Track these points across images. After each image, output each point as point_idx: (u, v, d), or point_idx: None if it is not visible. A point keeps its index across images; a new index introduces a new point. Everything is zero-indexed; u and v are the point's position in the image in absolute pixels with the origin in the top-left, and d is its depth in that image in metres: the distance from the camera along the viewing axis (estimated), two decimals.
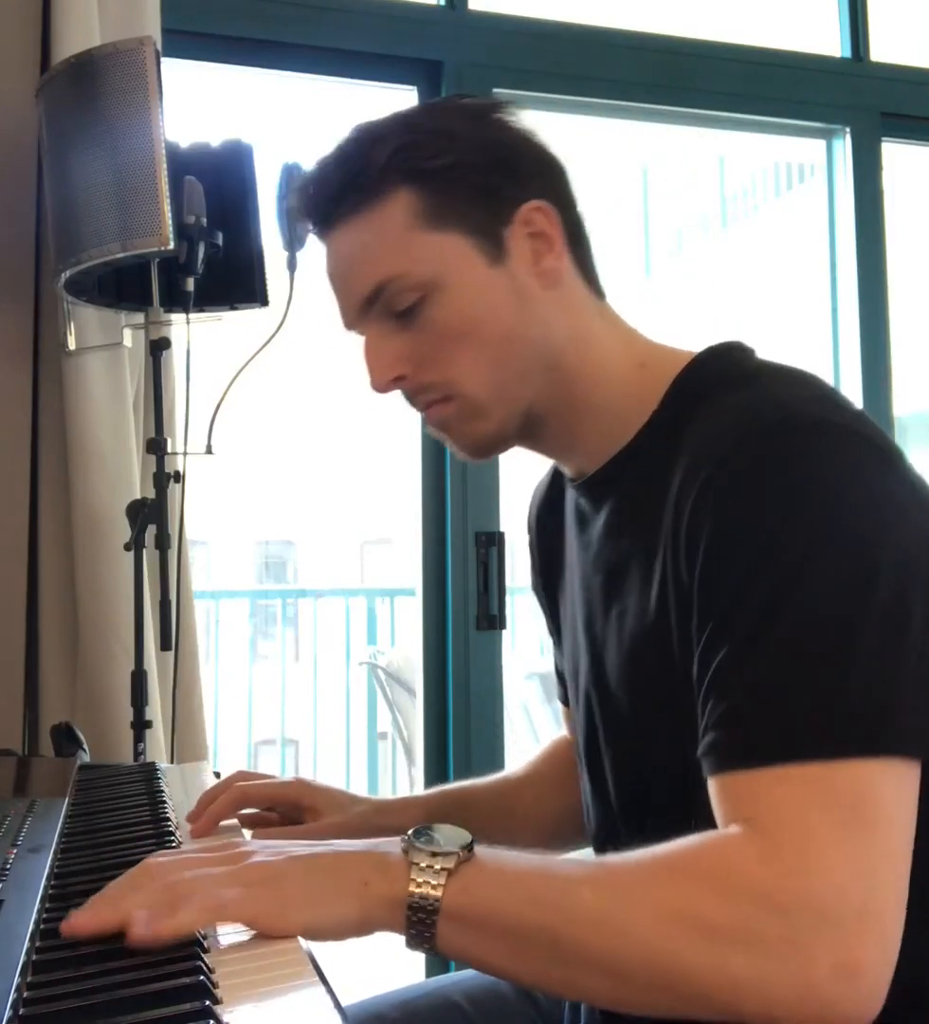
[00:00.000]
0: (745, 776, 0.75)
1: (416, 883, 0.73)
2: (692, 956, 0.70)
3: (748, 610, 0.78)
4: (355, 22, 2.22)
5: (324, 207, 0.94)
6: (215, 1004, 0.60)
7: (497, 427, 0.96)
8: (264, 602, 7.78)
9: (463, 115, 0.95)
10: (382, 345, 0.94)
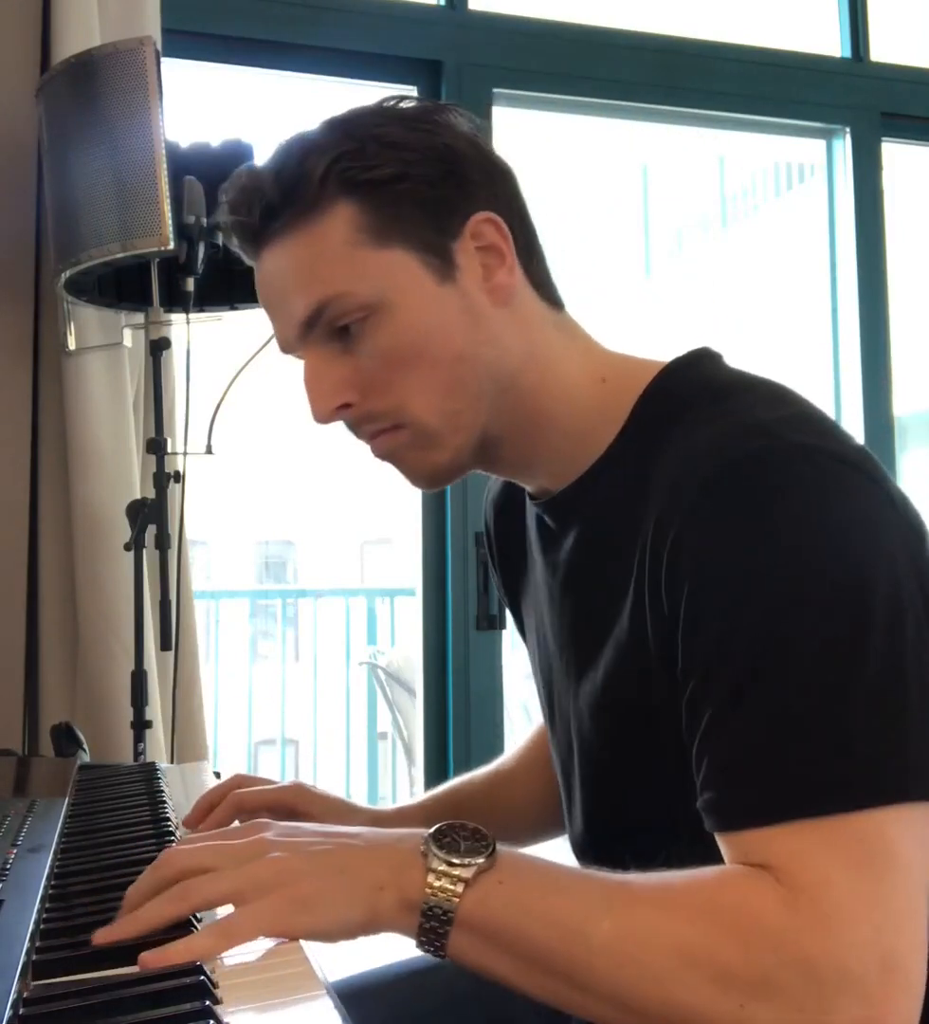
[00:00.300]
0: (756, 834, 0.72)
1: (432, 890, 0.70)
2: (709, 1002, 0.68)
3: (738, 659, 0.74)
4: (355, 22, 2.22)
5: (257, 221, 0.87)
6: (215, 1004, 0.60)
7: (452, 455, 0.90)
8: (264, 602, 7.77)
9: (405, 121, 0.89)
10: (325, 371, 0.87)
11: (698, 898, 0.71)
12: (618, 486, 0.88)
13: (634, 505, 0.84)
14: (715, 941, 0.69)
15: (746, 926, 0.68)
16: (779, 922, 0.68)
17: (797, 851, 0.70)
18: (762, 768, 0.72)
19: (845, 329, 2.61)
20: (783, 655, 0.72)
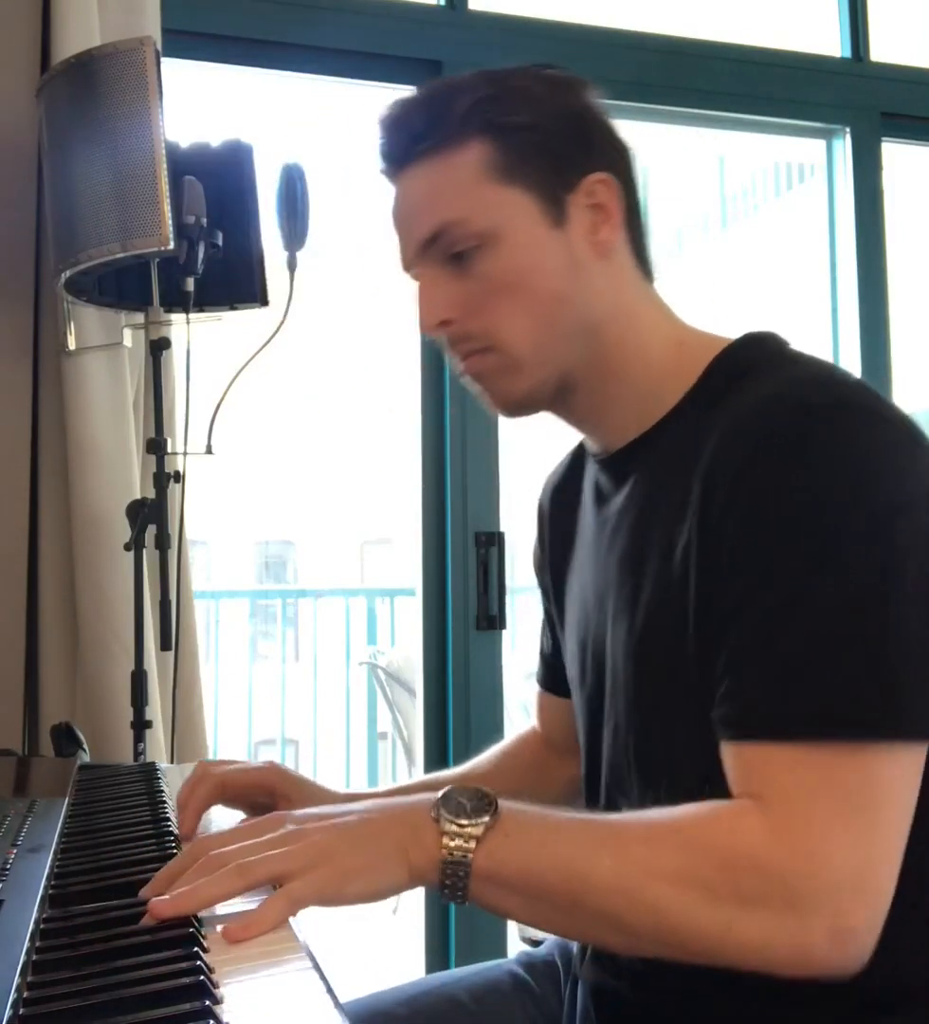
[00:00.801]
0: (759, 749, 0.80)
1: (448, 850, 0.79)
2: (700, 920, 0.77)
3: (779, 583, 0.80)
4: (355, 22, 2.22)
5: (402, 145, 0.96)
6: (215, 1004, 0.60)
7: (532, 385, 0.97)
8: (264, 602, 7.78)
9: (546, 81, 0.98)
10: (435, 288, 0.96)
11: (685, 830, 0.80)
12: (677, 440, 0.94)
13: (690, 455, 0.90)
14: (701, 867, 0.78)
15: (730, 852, 0.78)
16: (764, 848, 0.77)
17: (790, 778, 0.78)
18: (779, 687, 0.79)
19: (845, 329, 2.60)
20: (817, 588, 0.79)
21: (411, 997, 1.10)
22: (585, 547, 1.07)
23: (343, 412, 13.55)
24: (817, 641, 0.78)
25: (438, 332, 0.98)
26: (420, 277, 0.98)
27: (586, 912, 0.80)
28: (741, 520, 0.83)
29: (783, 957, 0.77)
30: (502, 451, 2.28)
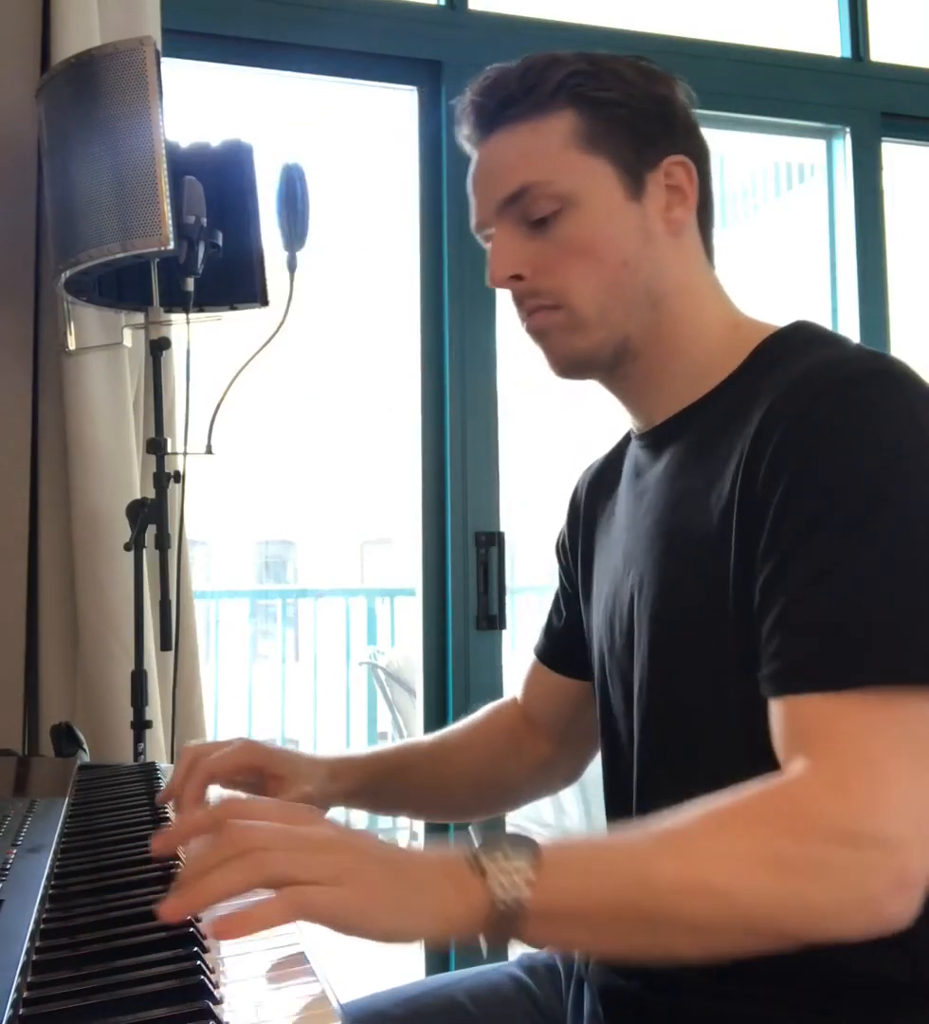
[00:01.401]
0: (814, 700, 0.80)
1: (501, 890, 0.72)
2: (772, 897, 0.75)
3: (830, 533, 0.81)
4: (355, 22, 2.22)
5: (496, 107, 1.00)
6: (215, 1004, 0.60)
7: (593, 346, 1.00)
8: (264, 602, 7.76)
9: (639, 69, 1.02)
10: (510, 244, 1.00)
11: (746, 808, 0.77)
12: (720, 411, 0.97)
13: (734, 420, 0.93)
14: (771, 841, 0.75)
15: (800, 821, 0.76)
16: (826, 809, 0.76)
17: (848, 727, 0.78)
18: (835, 636, 0.80)
19: (845, 329, 2.60)
20: (869, 538, 0.81)
21: (409, 998, 1.10)
22: (619, 523, 1.10)
23: (343, 412, 13.55)
24: (869, 589, 0.80)
25: (508, 285, 1.01)
26: (496, 232, 1.01)
27: (658, 921, 0.75)
28: (788, 480, 0.84)
29: (853, 915, 0.76)
30: (502, 451, 2.28)
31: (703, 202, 1.04)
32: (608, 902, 0.75)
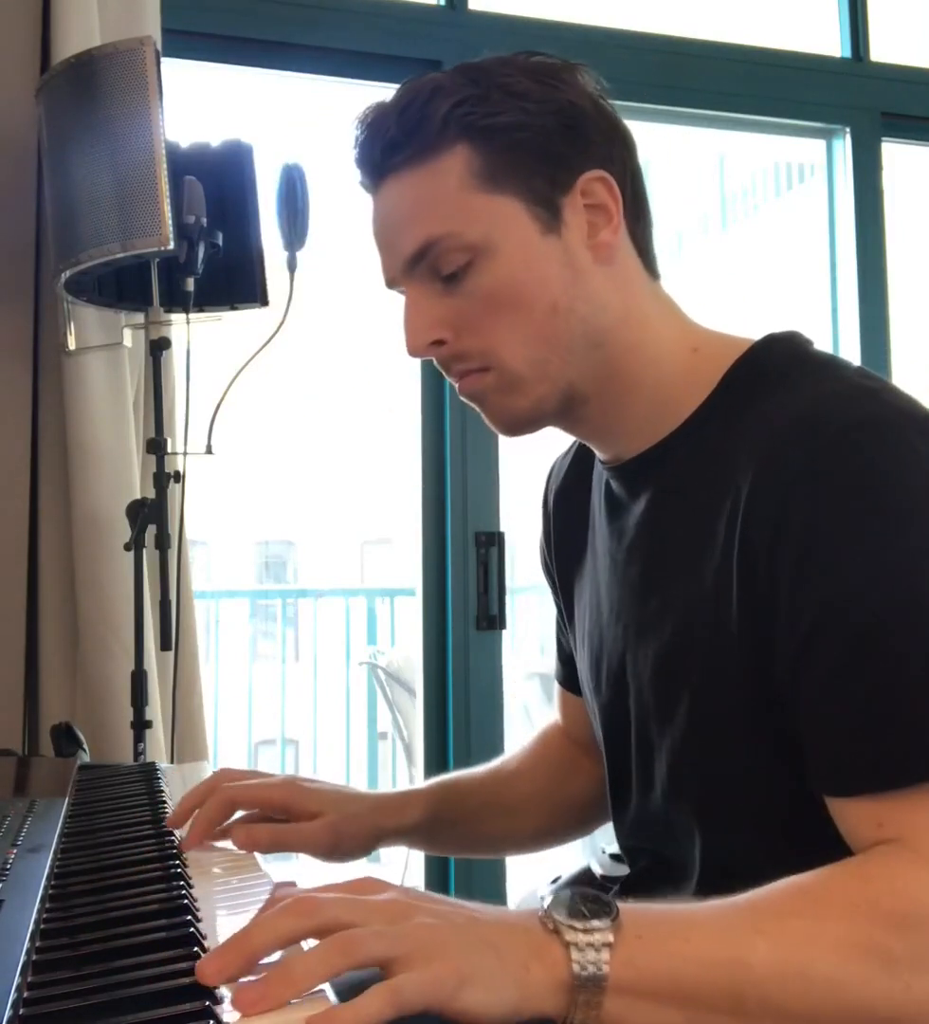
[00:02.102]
0: (891, 796, 0.74)
1: (579, 965, 0.66)
2: (877, 988, 0.70)
3: (859, 615, 0.75)
4: (355, 22, 2.22)
5: (379, 155, 0.91)
6: (215, 1004, 0.60)
7: (534, 403, 0.92)
8: (264, 602, 7.77)
9: (532, 73, 0.91)
10: (424, 306, 0.91)
11: (844, 893, 0.72)
12: (698, 451, 0.90)
13: (717, 468, 0.86)
14: (873, 930, 0.70)
15: (898, 907, 0.71)
16: (925, 894, 0.71)
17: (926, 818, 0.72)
18: (894, 728, 0.74)
19: (845, 329, 2.60)
20: (905, 612, 0.75)
21: None
22: (598, 556, 1.03)
23: (343, 412, 13.55)
24: (907, 670, 0.74)
25: (428, 353, 0.92)
26: (407, 294, 0.92)
27: (752, 1007, 0.69)
28: (797, 547, 0.78)
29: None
30: (502, 451, 2.28)
31: (634, 210, 0.93)
32: (698, 983, 0.69)
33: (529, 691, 4.78)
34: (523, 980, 0.65)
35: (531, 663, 4.98)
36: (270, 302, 1.80)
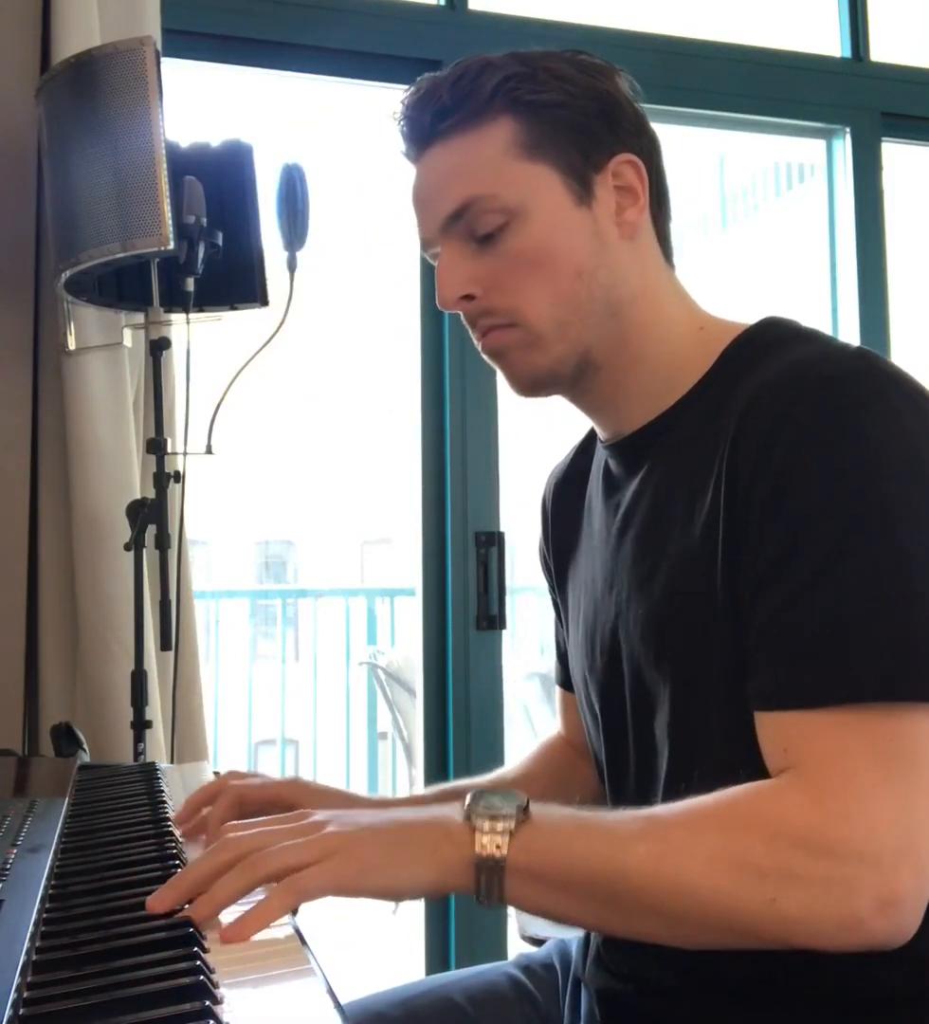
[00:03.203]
0: (796, 717, 0.79)
1: (481, 845, 0.77)
2: (743, 899, 0.75)
3: (813, 547, 0.80)
4: (355, 22, 2.22)
5: (429, 121, 0.95)
6: (215, 1004, 0.60)
7: (552, 362, 0.96)
8: (264, 602, 7.77)
9: (576, 64, 0.97)
10: (457, 263, 0.96)
11: (724, 811, 0.79)
12: (696, 420, 0.94)
13: (711, 430, 0.90)
14: (744, 844, 0.76)
15: (772, 827, 0.76)
16: (802, 819, 0.76)
17: (828, 744, 0.77)
18: (812, 653, 0.79)
19: (845, 329, 2.60)
20: (852, 551, 0.79)
21: (407, 999, 1.09)
22: (593, 535, 1.06)
23: (343, 412, 13.55)
24: (850, 606, 0.78)
25: (458, 307, 0.97)
26: (442, 251, 0.97)
27: (626, 901, 0.78)
28: (771, 485, 0.82)
29: (830, 929, 0.75)
30: (502, 451, 2.28)
31: (657, 200, 1.00)
32: (581, 873, 0.78)
33: (529, 691, 4.78)
34: (433, 859, 0.77)
35: (531, 663, 4.98)
36: (270, 302, 1.80)
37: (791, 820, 0.76)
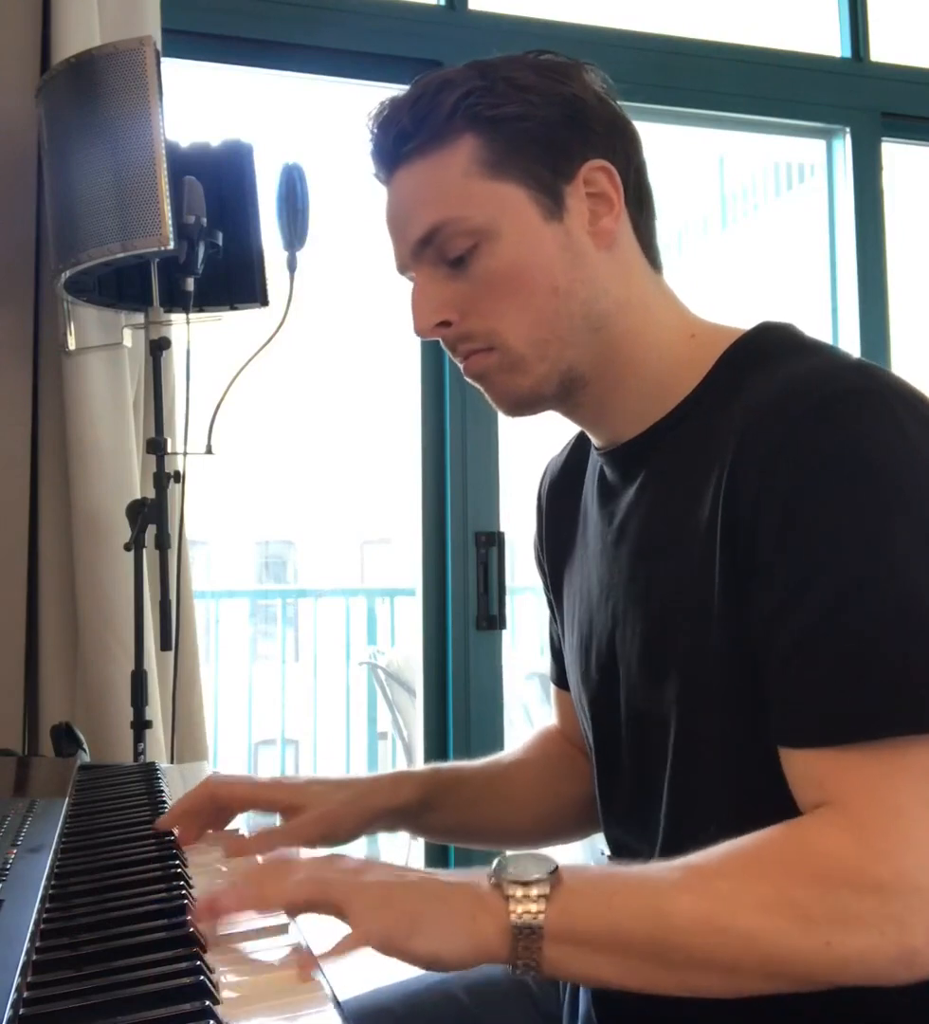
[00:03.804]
0: (833, 754, 0.77)
1: (517, 914, 0.74)
2: (795, 943, 0.73)
3: (833, 578, 0.78)
4: (355, 22, 2.22)
5: (391, 145, 0.94)
6: (215, 1004, 0.60)
7: (535, 383, 0.94)
8: (264, 602, 7.77)
9: (538, 69, 0.94)
10: (431, 289, 0.94)
11: (768, 856, 0.76)
12: (691, 431, 0.92)
13: (708, 443, 0.88)
14: (791, 888, 0.74)
15: (819, 867, 0.74)
16: (850, 857, 0.74)
17: (869, 778, 0.75)
18: (852, 686, 0.77)
19: (845, 329, 2.60)
20: (871, 583, 0.77)
21: (409, 994, 1.09)
22: (589, 542, 1.05)
23: (343, 412, 13.55)
24: (877, 635, 0.76)
25: (435, 334, 0.95)
26: (415, 278, 0.96)
27: (676, 958, 0.75)
28: (780, 516, 0.80)
29: (886, 965, 0.74)
30: (502, 451, 2.28)
31: (637, 201, 0.96)
32: (625, 932, 0.75)
33: (529, 691, 4.78)
34: (471, 929, 0.75)
35: (531, 663, 4.98)
36: (270, 302, 1.80)
37: (838, 860, 0.74)
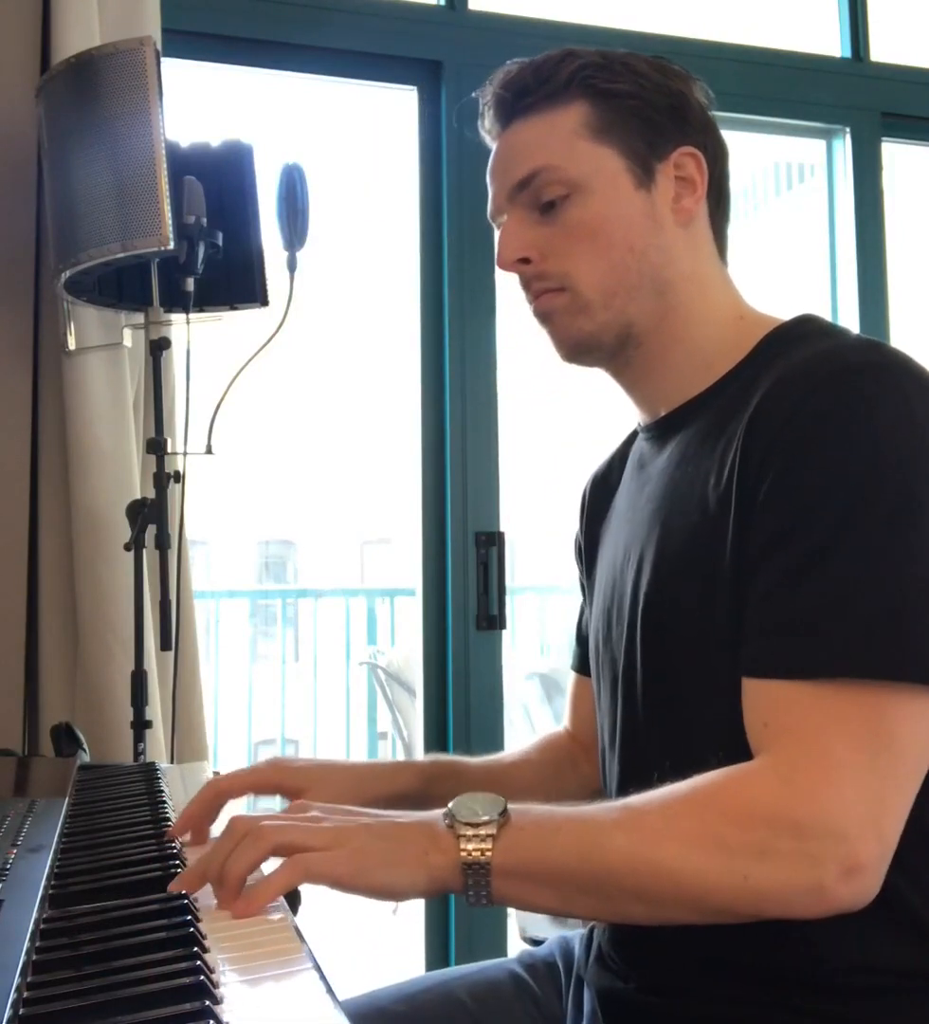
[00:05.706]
0: (777, 686, 0.83)
1: (466, 852, 0.82)
2: (716, 877, 0.80)
3: (814, 528, 0.83)
4: (355, 22, 2.22)
5: (512, 97, 1.03)
6: (215, 1004, 0.60)
7: (596, 329, 1.02)
8: (264, 602, 7.77)
9: (653, 64, 1.05)
10: (519, 228, 1.03)
11: (699, 796, 0.83)
12: (724, 403, 0.98)
13: (734, 410, 0.94)
14: (715, 827, 0.80)
15: (743, 806, 0.81)
16: (773, 796, 0.80)
17: (806, 716, 0.81)
18: (810, 625, 0.82)
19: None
20: (852, 535, 0.82)
21: (410, 995, 1.10)
22: (621, 515, 1.11)
23: (343, 412, 13.55)
24: (845, 584, 0.81)
25: (515, 269, 1.03)
26: (507, 217, 1.04)
27: (609, 889, 0.82)
28: (782, 463, 0.86)
29: (800, 901, 0.80)
30: (502, 451, 2.28)
31: (717, 199, 1.06)
32: (565, 866, 0.82)
33: (529, 691, 4.78)
34: (425, 863, 0.82)
35: (531, 663, 4.98)
36: (270, 302, 1.80)
37: (761, 800, 0.80)
